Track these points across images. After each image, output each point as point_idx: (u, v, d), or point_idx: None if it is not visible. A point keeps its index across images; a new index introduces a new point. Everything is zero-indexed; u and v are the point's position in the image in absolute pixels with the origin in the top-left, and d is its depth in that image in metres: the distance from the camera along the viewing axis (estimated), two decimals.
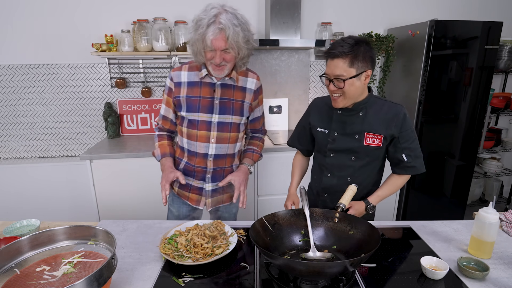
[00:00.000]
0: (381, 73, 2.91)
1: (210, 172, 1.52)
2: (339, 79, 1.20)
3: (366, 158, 1.34)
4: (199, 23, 1.27)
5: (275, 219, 1.18)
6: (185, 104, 1.44)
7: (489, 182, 3.37)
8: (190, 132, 1.47)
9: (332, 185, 1.40)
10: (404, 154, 1.32)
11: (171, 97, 1.48)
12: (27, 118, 2.70)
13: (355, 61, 1.17)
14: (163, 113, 1.54)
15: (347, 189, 1.28)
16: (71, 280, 0.87)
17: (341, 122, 1.34)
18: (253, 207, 2.56)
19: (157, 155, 1.55)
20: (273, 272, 1.04)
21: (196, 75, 1.44)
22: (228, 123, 1.46)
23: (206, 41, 1.26)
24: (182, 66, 1.47)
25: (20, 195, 2.56)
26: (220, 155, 1.50)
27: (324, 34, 2.78)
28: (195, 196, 1.57)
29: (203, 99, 1.43)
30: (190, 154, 1.51)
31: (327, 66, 1.24)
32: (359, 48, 1.17)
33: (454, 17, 2.93)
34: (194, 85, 1.44)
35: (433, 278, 1.03)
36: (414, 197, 2.75)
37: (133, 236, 1.30)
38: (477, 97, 2.57)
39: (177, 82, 1.45)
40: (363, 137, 1.31)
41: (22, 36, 2.53)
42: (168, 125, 1.56)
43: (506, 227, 1.34)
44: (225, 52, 1.30)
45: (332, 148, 1.37)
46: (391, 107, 1.30)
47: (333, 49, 1.19)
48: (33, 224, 1.33)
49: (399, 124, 1.28)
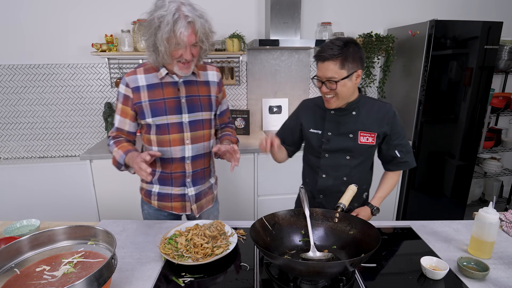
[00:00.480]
0: (381, 73, 2.91)
1: (189, 175, 1.43)
2: (331, 81, 1.22)
3: (361, 157, 1.36)
4: (162, 20, 1.15)
5: (275, 219, 1.18)
6: (148, 110, 1.32)
7: (489, 182, 3.37)
8: (161, 139, 1.36)
9: (328, 186, 1.40)
10: (397, 150, 1.37)
11: (128, 105, 1.34)
12: (27, 118, 2.70)
13: (345, 62, 1.19)
14: (117, 125, 1.38)
15: (347, 189, 1.28)
16: (71, 280, 0.87)
17: (335, 122, 1.35)
18: (253, 207, 2.56)
19: (119, 157, 1.32)
20: (273, 272, 1.04)
21: (155, 76, 1.33)
22: (200, 121, 1.39)
23: (176, 38, 1.17)
24: (136, 70, 1.34)
25: (20, 195, 2.55)
26: (198, 156, 1.43)
27: (324, 34, 2.78)
28: (179, 204, 1.47)
29: (169, 100, 1.33)
30: (165, 162, 1.40)
31: (318, 69, 1.25)
32: (349, 49, 1.19)
33: (454, 17, 2.94)
34: (155, 87, 1.32)
35: (433, 278, 1.03)
36: (414, 197, 2.75)
37: (133, 236, 1.30)
38: (477, 97, 2.57)
39: (135, 87, 1.31)
40: (358, 136, 1.33)
41: (22, 36, 2.53)
42: (124, 136, 1.40)
43: (506, 227, 1.34)
44: (193, 46, 1.23)
45: (326, 148, 1.37)
46: (381, 106, 1.34)
47: (323, 52, 1.21)
48: (33, 224, 1.34)
49: (390, 122, 1.33)
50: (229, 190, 2.51)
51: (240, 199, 2.54)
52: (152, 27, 1.18)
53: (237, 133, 2.87)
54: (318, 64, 1.24)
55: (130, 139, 1.42)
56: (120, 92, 1.34)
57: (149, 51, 1.25)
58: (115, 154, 1.34)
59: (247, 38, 2.73)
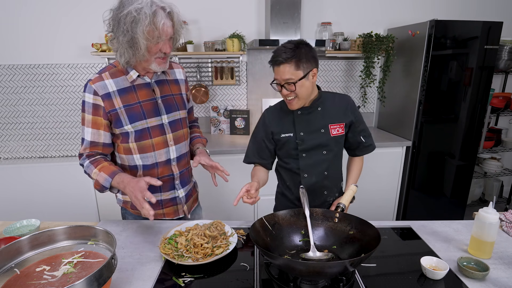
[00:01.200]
0: (381, 73, 2.91)
1: (177, 177, 1.39)
2: (289, 83, 1.25)
3: (335, 148, 1.41)
4: (140, 13, 1.07)
5: (275, 219, 1.18)
6: (125, 116, 1.23)
7: (489, 182, 3.37)
8: (143, 145, 1.28)
9: (312, 183, 1.42)
10: (361, 136, 1.44)
11: (100, 115, 1.21)
12: (27, 118, 2.70)
13: (300, 63, 1.23)
14: (90, 138, 1.23)
15: (347, 189, 1.29)
16: (71, 280, 0.87)
17: (304, 121, 1.38)
18: (253, 207, 2.56)
19: (104, 181, 1.20)
20: (273, 272, 1.04)
21: (124, 80, 1.24)
22: (178, 120, 1.36)
23: (159, 30, 1.10)
24: (101, 75, 1.22)
25: (20, 195, 2.56)
26: (182, 156, 1.40)
27: (324, 34, 2.78)
28: (171, 209, 1.42)
29: (145, 103, 1.26)
30: (149, 169, 1.32)
31: (275, 73, 1.28)
32: (301, 50, 1.23)
33: (454, 17, 2.94)
34: (127, 91, 1.23)
35: (433, 278, 1.03)
36: (414, 197, 2.75)
37: (133, 236, 1.30)
38: (477, 97, 2.57)
39: (105, 94, 1.20)
40: (329, 129, 1.37)
41: (22, 36, 2.53)
42: (100, 149, 1.27)
43: (506, 227, 1.34)
44: (170, 39, 1.18)
45: (303, 148, 1.39)
46: (342, 97, 1.42)
47: (276, 56, 1.24)
48: (33, 224, 1.33)
49: (353, 110, 1.41)
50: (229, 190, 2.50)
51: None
52: (127, 22, 1.09)
53: (237, 133, 2.87)
54: (274, 69, 1.28)
55: (106, 153, 1.30)
56: (87, 101, 1.20)
57: (123, 49, 1.15)
58: (98, 177, 1.21)
59: (247, 38, 2.73)
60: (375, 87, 3.05)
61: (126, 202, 1.41)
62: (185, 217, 1.49)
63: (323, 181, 1.41)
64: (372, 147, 1.48)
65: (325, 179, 1.41)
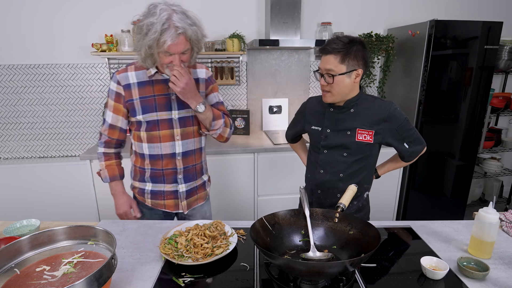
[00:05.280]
0: (381, 73, 2.91)
1: (181, 172, 1.46)
2: (329, 74, 1.25)
3: (358, 154, 1.37)
4: (151, 28, 1.18)
5: (275, 219, 1.18)
6: (139, 107, 1.36)
7: (489, 182, 3.37)
8: (151, 135, 1.39)
9: (325, 181, 1.42)
10: (405, 143, 1.37)
11: (120, 102, 1.37)
12: (27, 118, 2.70)
13: (346, 58, 1.23)
14: (110, 121, 1.40)
15: (347, 189, 1.28)
16: (71, 280, 0.87)
17: (333, 119, 1.37)
18: (253, 207, 2.56)
19: (104, 177, 1.45)
20: (273, 272, 1.04)
21: (145, 74, 1.36)
22: (189, 117, 1.42)
23: (163, 46, 1.20)
24: (127, 67, 1.38)
25: (20, 195, 2.55)
26: (188, 152, 1.45)
27: (324, 34, 2.78)
28: (172, 202, 1.49)
29: (159, 97, 1.37)
30: (154, 159, 1.42)
31: (320, 61, 1.30)
32: (352, 46, 1.23)
33: (454, 17, 2.94)
34: (145, 84, 1.36)
35: (433, 278, 1.03)
36: (414, 197, 2.75)
37: (133, 236, 1.30)
38: (477, 97, 2.57)
39: (126, 84, 1.35)
40: (355, 133, 1.34)
41: (22, 36, 2.53)
42: (116, 135, 1.43)
43: (506, 227, 1.34)
44: (183, 54, 1.26)
45: (325, 144, 1.39)
46: (381, 104, 1.34)
47: (327, 45, 1.25)
48: (33, 224, 1.33)
49: (392, 119, 1.32)
50: (229, 190, 2.51)
51: (240, 199, 2.54)
52: (142, 32, 1.22)
53: (237, 133, 2.87)
54: (321, 57, 1.29)
55: (122, 138, 1.45)
56: (112, 89, 1.38)
57: (139, 51, 1.27)
58: (102, 171, 1.46)
59: (247, 38, 2.73)
60: (375, 87, 3.05)
61: (134, 187, 1.54)
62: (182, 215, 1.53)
63: (337, 182, 1.40)
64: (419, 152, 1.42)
65: (340, 181, 1.39)
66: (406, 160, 1.45)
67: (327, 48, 1.24)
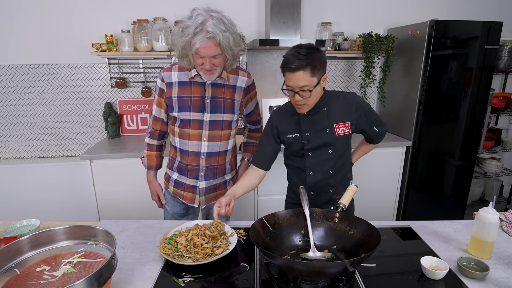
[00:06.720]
0: (381, 73, 2.91)
1: (203, 170, 1.54)
2: (304, 90, 1.24)
3: (342, 148, 1.41)
4: (185, 31, 1.26)
5: (275, 219, 1.18)
6: (176, 105, 1.46)
7: (489, 182, 3.37)
8: (182, 132, 1.49)
9: (317, 181, 1.43)
10: (374, 126, 1.46)
11: (162, 97, 1.49)
12: (27, 118, 2.70)
13: (314, 70, 1.21)
14: (154, 113, 1.56)
15: (347, 189, 1.28)
16: (71, 280, 0.87)
17: (311, 122, 1.38)
18: (253, 207, 2.56)
19: (144, 164, 1.66)
20: (273, 272, 1.04)
21: (186, 75, 1.45)
22: (219, 121, 1.49)
23: (193, 49, 1.27)
24: (172, 67, 1.48)
25: (20, 195, 2.56)
26: (213, 153, 1.52)
27: (324, 34, 2.78)
28: (189, 195, 1.59)
29: (195, 99, 1.45)
30: (183, 153, 1.53)
31: (288, 79, 1.25)
32: (313, 56, 1.21)
33: (454, 17, 2.94)
34: (185, 84, 1.45)
35: (433, 278, 1.03)
36: (414, 197, 2.75)
37: (133, 236, 1.30)
38: (477, 97, 2.57)
39: (168, 82, 1.46)
40: (334, 129, 1.37)
41: (22, 36, 2.53)
42: (159, 126, 1.58)
43: (506, 227, 1.34)
44: (214, 58, 1.31)
45: (309, 147, 1.40)
46: (347, 96, 1.40)
47: (291, 63, 1.21)
48: (33, 224, 1.34)
49: (359, 107, 1.39)
50: None
51: (240, 199, 2.51)
52: (178, 33, 1.31)
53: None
54: (287, 75, 1.25)
55: (164, 130, 1.60)
56: (157, 85, 1.50)
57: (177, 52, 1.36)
58: (143, 159, 1.66)
59: (247, 38, 2.73)
60: (375, 87, 3.05)
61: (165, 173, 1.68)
62: (199, 207, 1.65)
63: (329, 179, 1.42)
64: (384, 133, 1.52)
65: (331, 177, 1.42)
66: (375, 142, 1.54)
67: (292, 66, 1.20)
